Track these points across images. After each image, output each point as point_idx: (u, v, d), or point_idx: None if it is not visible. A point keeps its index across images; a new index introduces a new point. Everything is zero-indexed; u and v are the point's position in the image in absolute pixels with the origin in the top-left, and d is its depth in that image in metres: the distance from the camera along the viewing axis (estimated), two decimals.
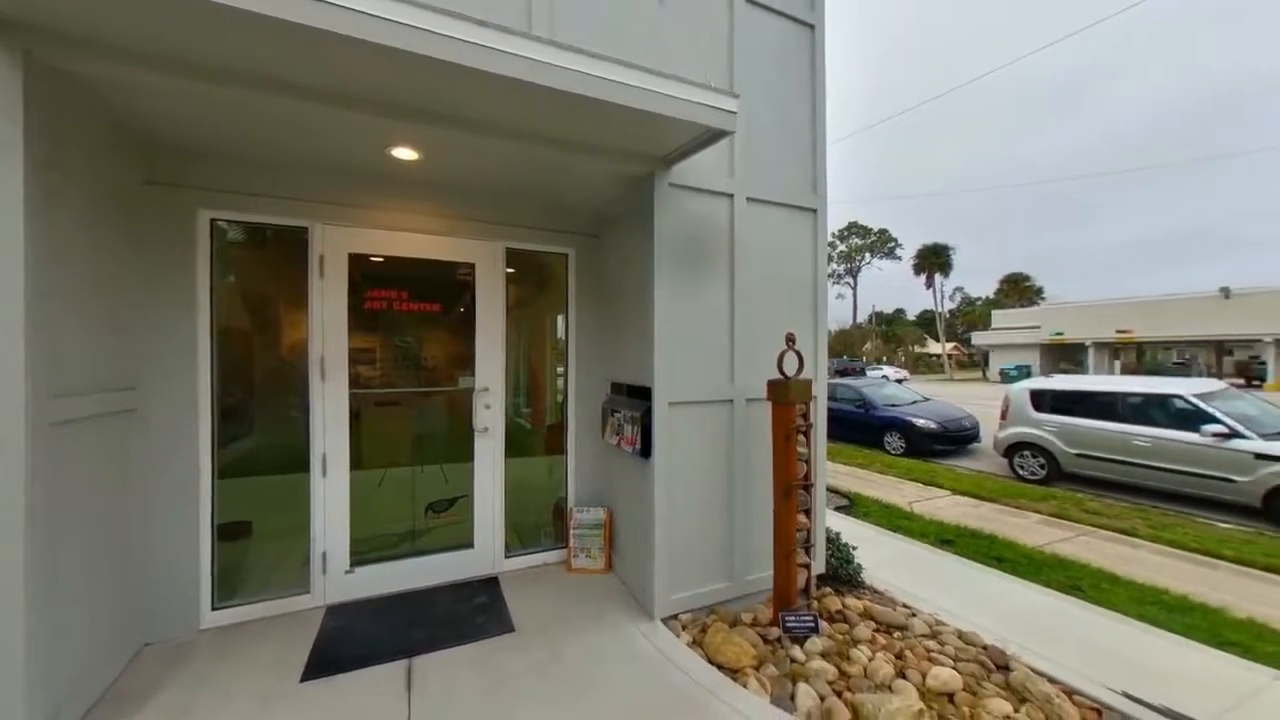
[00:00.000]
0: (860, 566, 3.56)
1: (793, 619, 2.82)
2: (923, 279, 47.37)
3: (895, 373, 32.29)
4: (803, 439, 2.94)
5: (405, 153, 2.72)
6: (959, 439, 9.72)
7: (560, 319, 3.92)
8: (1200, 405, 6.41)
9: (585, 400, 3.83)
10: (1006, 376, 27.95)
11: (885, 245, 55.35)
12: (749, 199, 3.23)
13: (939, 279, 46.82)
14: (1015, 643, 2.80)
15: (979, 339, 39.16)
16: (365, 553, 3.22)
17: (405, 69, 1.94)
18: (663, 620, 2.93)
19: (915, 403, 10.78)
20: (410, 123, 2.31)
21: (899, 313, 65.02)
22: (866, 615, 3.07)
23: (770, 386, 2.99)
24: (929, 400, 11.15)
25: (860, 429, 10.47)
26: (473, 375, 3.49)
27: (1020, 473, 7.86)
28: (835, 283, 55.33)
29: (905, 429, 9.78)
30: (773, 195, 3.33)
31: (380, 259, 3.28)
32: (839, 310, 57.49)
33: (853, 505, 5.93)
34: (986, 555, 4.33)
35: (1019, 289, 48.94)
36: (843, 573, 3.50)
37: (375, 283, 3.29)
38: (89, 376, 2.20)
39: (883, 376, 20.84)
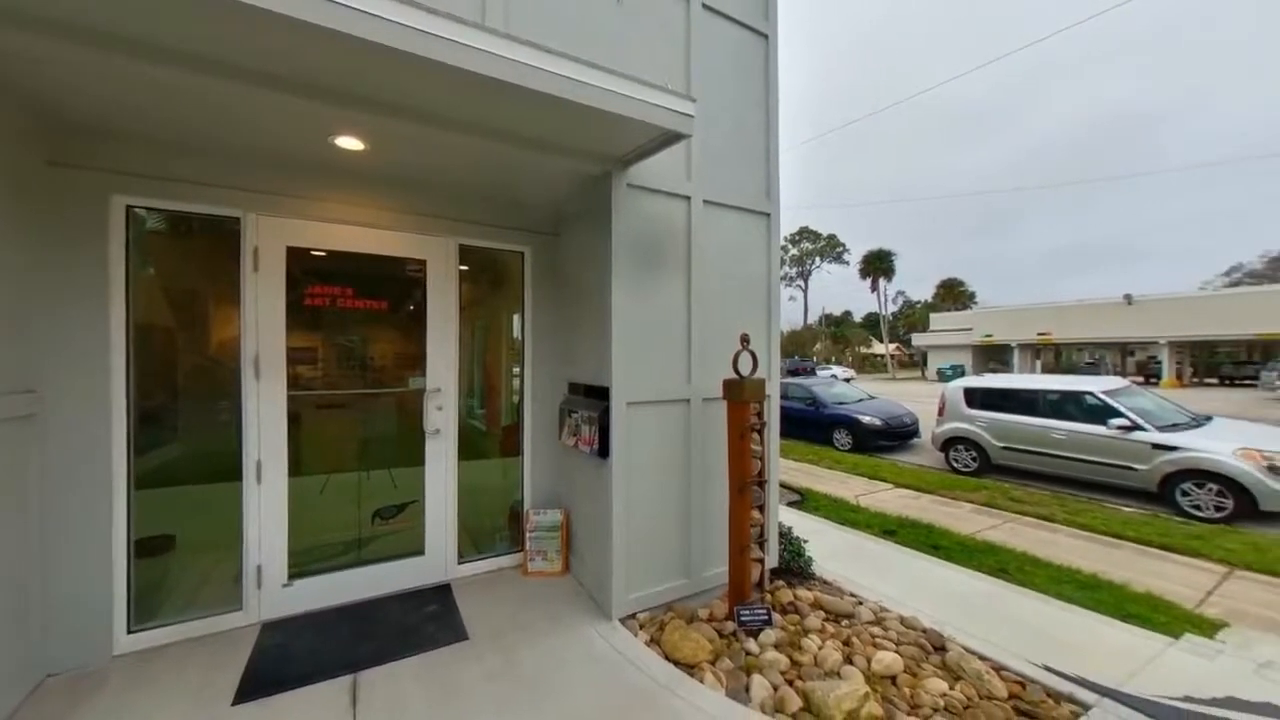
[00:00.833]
0: (811, 559, 3.69)
1: (747, 613, 2.89)
2: (868, 283, 49.78)
3: (843, 372, 33.77)
4: (757, 437, 3.02)
5: (350, 143, 2.59)
6: (901, 435, 10.27)
7: (516, 318, 3.85)
8: (1107, 401, 7.06)
9: (542, 401, 3.77)
10: (943, 376, 29.78)
11: (834, 250, 57.72)
12: (705, 201, 3.28)
13: (883, 283, 49.34)
14: (951, 625, 2.99)
15: (918, 340, 41.56)
16: (305, 564, 3.04)
17: (347, 54, 1.84)
18: (621, 620, 2.93)
19: (862, 401, 11.30)
20: (355, 111, 2.21)
21: (847, 315, 67.98)
22: (817, 605, 3.19)
23: (726, 386, 3.06)
24: (874, 398, 11.71)
25: (811, 426, 10.86)
26: (424, 376, 3.36)
27: (955, 465, 8.39)
28: (787, 285, 57.13)
29: (852, 426, 10.23)
30: (728, 199, 3.40)
31: (322, 253, 3.11)
32: (791, 312, 59.47)
33: (804, 500, 6.14)
34: (925, 544, 4.60)
35: (954, 293, 52.31)
36: (794, 565, 3.62)
37: (317, 278, 3.11)
38: None
39: (832, 376, 21.70)
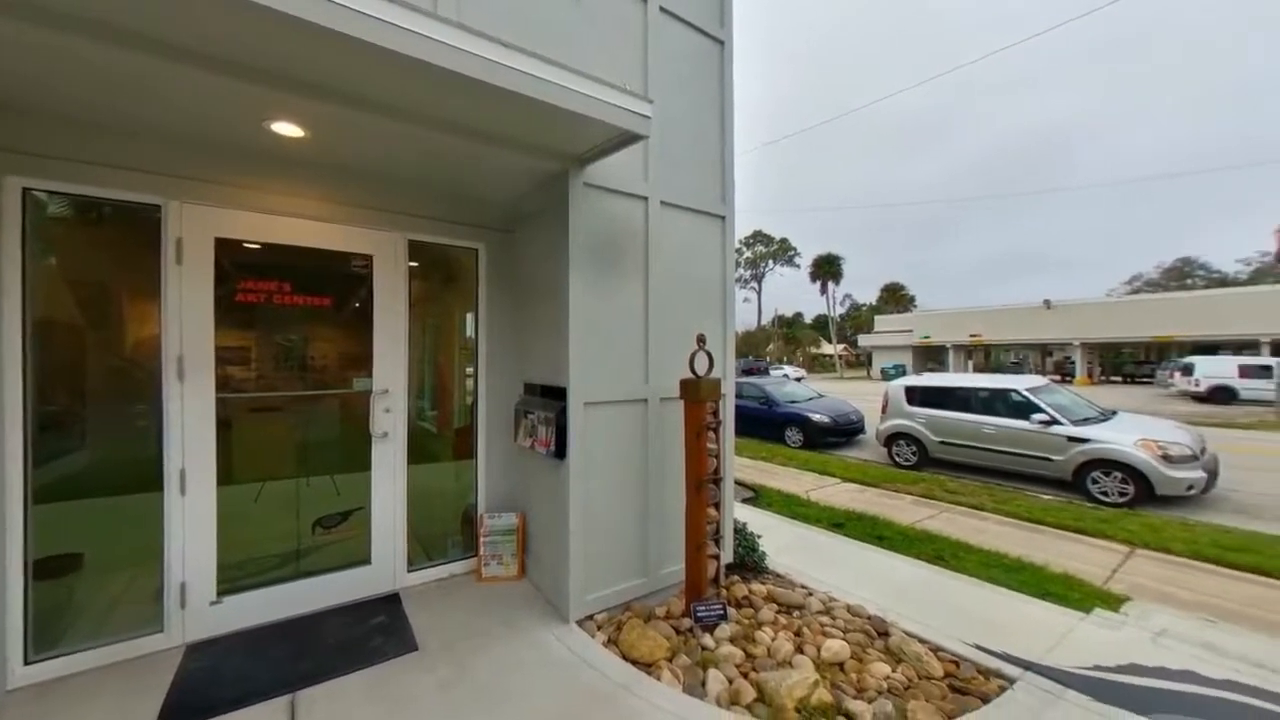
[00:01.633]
0: (764, 553, 3.80)
1: (703, 609, 2.93)
2: (818, 286, 51.76)
3: (795, 372, 34.94)
4: (713, 435, 3.07)
5: (288, 129, 2.43)
6: (848, 431, 10.74)
7: (470, 317, 3.74)
8: (1030, 398, 7.66)
9: (496, 402, 3.69)
10: (886, 375, 31.39)
11: (786, 254, 59.60)
12: (663, 203, 3.31)
13: (831, 286, 51.46)
14: (894, 611, 3.15)
15: (864, 341, 43.65)
16: (237, 579, 2.83)
17: (282, 34, 1.73)
18: (578, 622, 2.90)
19: (812, 399, 11.73)
20: (293, 96, 2.08)
21: (798, 316, 70.38)
22: (770, 599, 3.29)
23: (683, 385, 3.09)
24: (823, 397, 12.18)
25: (764, 424, 11.17)
26: (370, 376, 3.21)
27: (897, 460, 8.86)
28: (742, 287, 58.53)
29: (803, 424, 10.61)
30: (685, 201, 3.44)
31: (257, 245, 2.91)
32: (745, 313, 60.94)
33: (758, 496, 6.31)
34: (870, 535, 4.83)
35: (896, 297, 55.26)
36: (749, 560, 3.72)
37: (251, 272, 2.91)
38: None
39: (784, 375, 22.43)
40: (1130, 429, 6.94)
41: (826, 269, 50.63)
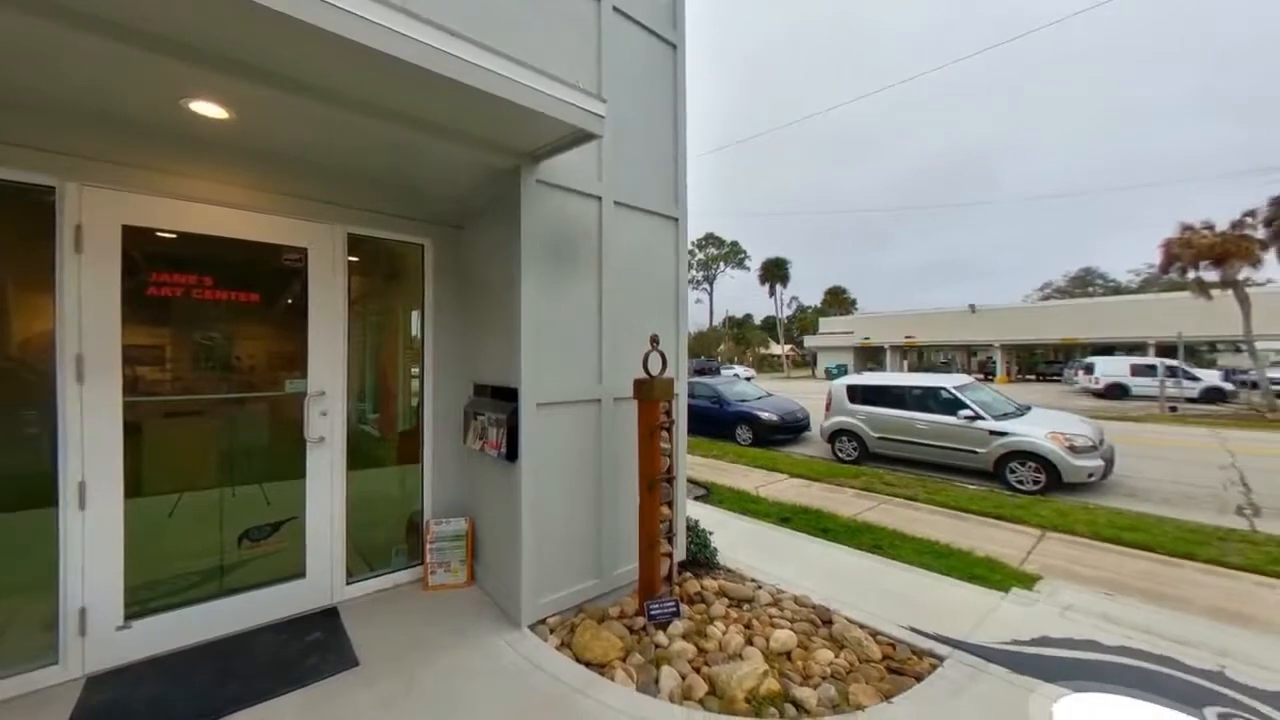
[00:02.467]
0: (716, 549, 3.88)
1: (656, 607, 2.96)
2: (767, 288, 53.43)
3: (745, 371, 35.83)
4: (666, 435, 3.10)
5: (209, 108, 2.24)
6: (795, 429, 11.15)
7: (415, 315, 3.59)
8: (957, 395, 8.25)
9: (444, 403, 3.56)
10: (829, 374, 32.86)
11: (736, 256, 61.10)
12: (616, 203, 3.31)
13: (779, 289, 53.30)
14: (837, 599, 3.30)
15: (809, 342, 45.49)
16: (149, 600, 2.58)
17: (197, 3, 1.60)
18: (530, 627, 2.85)
19: (761, 398, 12.10)
20: (214, 74, 1.92)
21: (748, 317, 72.27)
22: (721, 593, 3.36)
23: (636, 385, 3.11)
24: (772, 396, 12.59)
25: (715, 423, 11.41)
26: (305, 377, 3.01)
27: (839, 455, 9.29)
28: (694, 288, 59.52)
29: (753, 422, 10.92)
30: (639, 202, 3.46)
31: (172, 235, 2.67)
32: (697, 314, 61.94)
33: (710, 494, 6.43)
34: (815, 528, 5.04)
35: (839, 300, 57.86)
36: (701, 557, 3.78)
37: (166, 264, 2.66)
38: None
39: (735, 375, 22.95)
40: (1042, 423, 7.62)
41: (775, 272, 52.37)
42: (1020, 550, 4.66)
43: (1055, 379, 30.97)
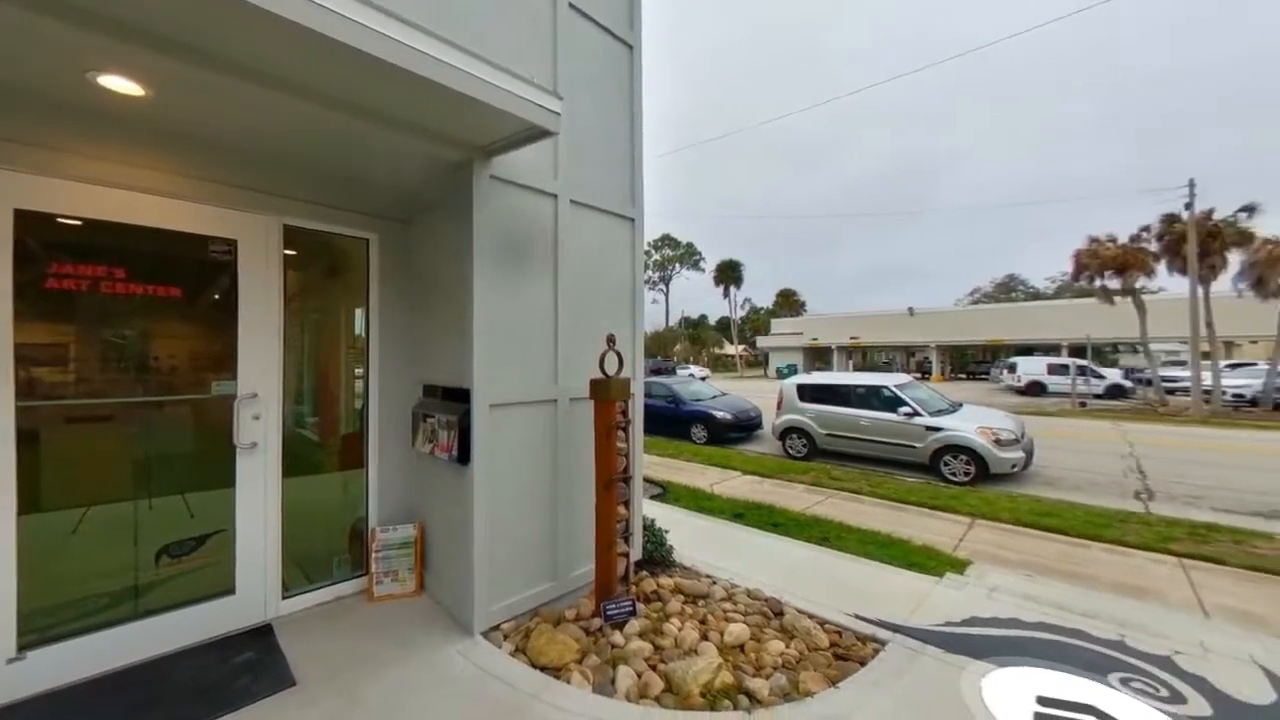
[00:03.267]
0: (672, 548, 3.92)
1: (613, 607, 2.95)
2: (721, 289, 54.50)
3: (700, 371, 36.42)
4: (622, 434, 3.11)
5: (121, 84, 2.04)
6: (748, 427, 11.45)
7: (359, 313, 3.42)
8: (897, 393, 8.74)
9: (391, 405, 3.41)
10: (780, 374, 33.92)
11: (692, 258, 61.99)
12: (573, 201, 3.28)
13: (733, 290, 54.42)
14: (787, 591, 3.41)
15: (762, 342, 46.84)
16: (49, 628, 2.33)
17: None
18: (483, 634, 2.78)
19: (715, 398, 12.33)
20: (124, 43, 1.74)
21: (703, 318, 73.48)
22: (677, 591, 3.40)
23: (593, 385, 3.09)
24: (726, 395, 12.85)
25: (671, 422, 11.53)
26: (234, 379, 2.80)
27: (790, 452, 9.62)
28: (651, 289, 59.89)
29: (708, 421, 11.12)
30: (596, 201, 3.44)
31: (77, 221, 2.42)
32: (653, 314, 62.39)
33: (666, 492, 6.49)
34: (767, 523, 5.19)
35: (789, 302, 59.83)
36: (657, 555, 3.81)
37: (69, 254, 2.41)
38: None
39: (690, 375, 23.28)
40: (972, 418, 8.19)
41: (729, 274, 53.48)
42: (953, 538, 4.99)
43: (984, 377, 33.37)
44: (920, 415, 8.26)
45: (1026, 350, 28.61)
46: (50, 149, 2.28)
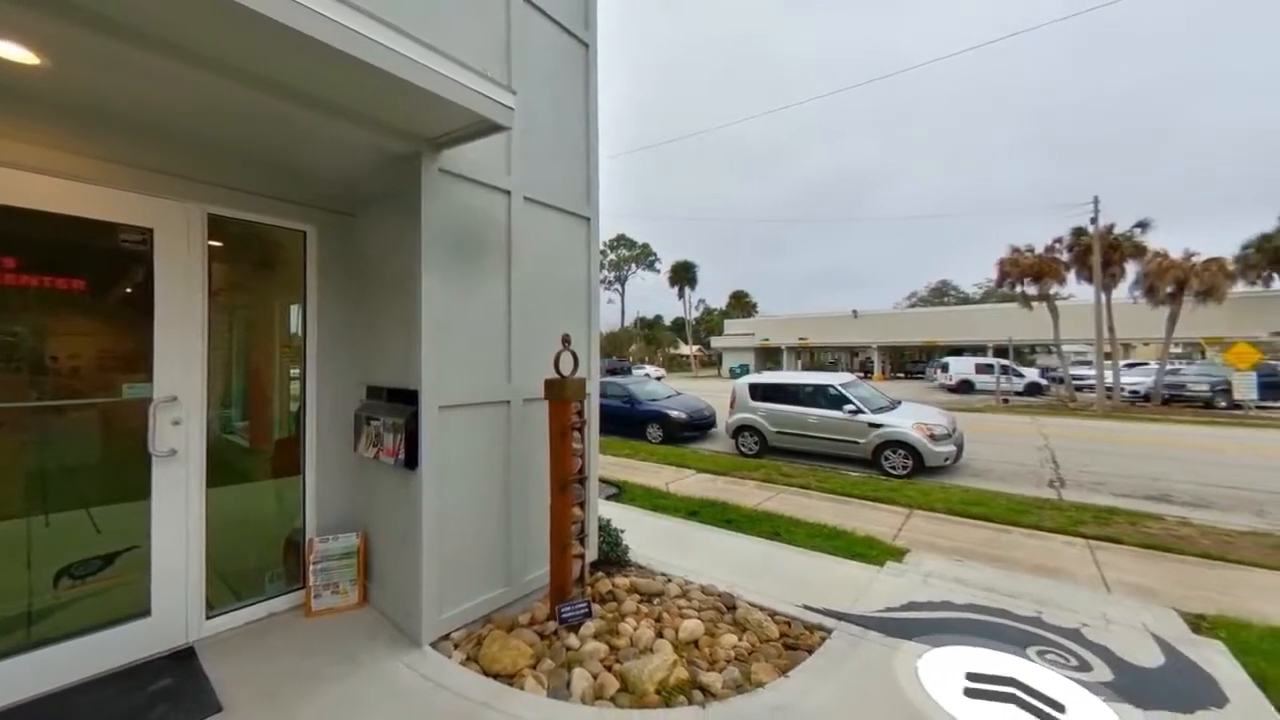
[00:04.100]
0: (628, 547, 3.92)
1: (568, 609, 2.92)
2: (676, 290, 55.16)
3: (655, 371, 36.69)
4: (578, 435, 3.08)
5: (14, 51, 1.82)
6: (702, 426, 11.64)
7: (295, 310, 3.21)
8: (843, 391, 9.14)
9: (330, 408, 3.22)
10: (733, 373, 34.73)
11: (647, 258, 62.34)
12: (526, 199, 3.22)
13: (688, 291, 55.21)
14: (740, 585, 3.50)
15: (716, 343, 47.85)
16: None
17: None
18: (432, 644, 2.68)
19: (670, 397, 12.46)
20: (17, 6, 1.56)
21: (658, 319, 74.04)
22: (633, 590, 3.41)
23: (547, 385, 3.05)
24: (681, 395, 13.02)
25: (627, 422, 11.55)
26: (150, 380, 2.56)
27: (743, 450, 9.86)
28: (606, 288, 59.65)
29: (663, 420, 11.22)
30: (550, 199, 3.39)
31: None
32: (609, 314, 62.09)
33: (622, 492, 6.49)
34: (720, 519, 5.29)
35: (742, 303, 61.34)
36: (613, 555, 3.81)
37: None
38: None
39: (645, 375, 23.40)
40: (909, 415, 8.69)
41: (683, 275, 54.20)
42: (893, 528, 5.28)
43: (919, 376, 35.49)
44: (864, 413, 8.68)
45: (957, 351, 30.73)
46: None
